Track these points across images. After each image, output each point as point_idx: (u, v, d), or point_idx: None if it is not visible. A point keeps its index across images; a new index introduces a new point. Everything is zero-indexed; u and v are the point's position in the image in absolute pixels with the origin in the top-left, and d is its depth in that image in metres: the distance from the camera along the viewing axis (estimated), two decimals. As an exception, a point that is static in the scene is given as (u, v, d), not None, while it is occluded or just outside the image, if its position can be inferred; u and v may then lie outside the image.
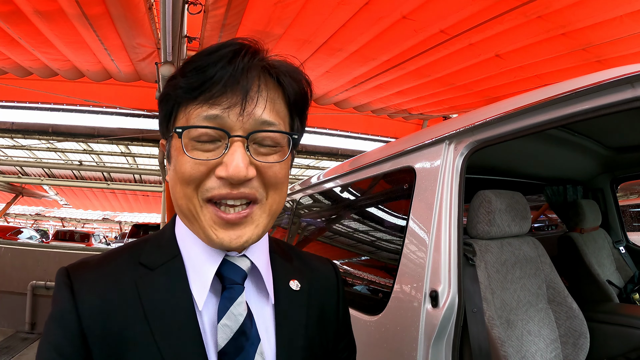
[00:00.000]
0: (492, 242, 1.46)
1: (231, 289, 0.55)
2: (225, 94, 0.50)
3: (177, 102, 0.53)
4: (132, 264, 0.55)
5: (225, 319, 0.52)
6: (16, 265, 4.53)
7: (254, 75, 0.51)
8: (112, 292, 0.52)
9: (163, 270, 0.55)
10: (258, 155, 0.53)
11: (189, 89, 0.51)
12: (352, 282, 1.77)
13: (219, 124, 0.50)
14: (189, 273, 0.55)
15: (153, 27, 2.67)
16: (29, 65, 3.40)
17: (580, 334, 1.49)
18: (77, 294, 0.51)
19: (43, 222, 23.28)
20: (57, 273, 0.54)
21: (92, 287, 0.52)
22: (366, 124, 5.50)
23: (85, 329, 0.49)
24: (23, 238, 11.68)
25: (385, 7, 2.37)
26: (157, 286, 0.53)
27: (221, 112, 0.50)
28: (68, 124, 6.02)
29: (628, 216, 8.59)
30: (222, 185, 0.51)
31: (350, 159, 1.98)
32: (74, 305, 0.50)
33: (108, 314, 0.51)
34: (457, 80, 3.45)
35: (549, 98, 1.01)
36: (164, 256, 0.56)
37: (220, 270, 0.55)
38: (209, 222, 0.52)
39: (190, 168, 0.51)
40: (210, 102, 0.50)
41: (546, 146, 1.84)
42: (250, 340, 0.54)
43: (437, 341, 1.11)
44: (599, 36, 2.50)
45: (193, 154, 0.51)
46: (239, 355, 0.52)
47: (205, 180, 0.52)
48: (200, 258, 0.55)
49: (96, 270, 0.54)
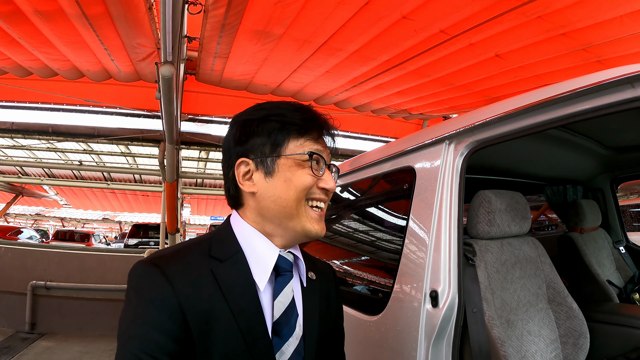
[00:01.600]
0: (492, 242, 1.46)
1: (284, 275, 0.76)
2: (320, 138, 0.79)
3: (289, 132, 0.76)
4: (205, 257, 0.71)
5: (280, 297, 0.73)
6: (16, 265, 4.53)
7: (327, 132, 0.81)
8: (197, 278, 0.68)
9: (231, 262, 0.72)
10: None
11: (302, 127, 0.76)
12: (353, 282, 1.77)
13: (322, 155, 0.78)
14: (250, 264, 0.73)
15: (153, 27, 2.67)
16: (29, 65, 3.40)
17: (580, 334, 1.49)
18: (173, 281, 0.65)
19: (43, 222, 23.26)
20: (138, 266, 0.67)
21: (183, 275, 0.67)
22: (366, 124, 5.50)
23: (184, 308, 0.64)
24: (23, 238, 11.68)
25: (385, 7, 2.37)
26: (229, 273, 0.71)
27: (322, 148, 0.79)
28: (68, 124, 6.01)
29: (628, 216, 8.59)
30: (321, 193, 0.78)
31: (350, 159, 1.98)
32: (173, 290, 0.64)
33: (197, 296, 0.66)
34: (457, 80, 3.45)
35: (549, 98, 1.01)
36: (229, 251, 0.74)
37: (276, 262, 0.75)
38: (309, 218, 0.76)
39: (308, 179, 0.75)
40: (315, 141, 0.77)
41: (546, 146, 1.84)
42: (295, 314, 0.75)
43: (437, 341, 1.11)
44: (599, 36, 2.50)
45: (310, 171, 0.76)
46: (287, 325, 0.73)
47: (312, 187, 0.76)
48: (262, 252, 0.75)
49: (178, 261, 0.69)
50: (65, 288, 4.46)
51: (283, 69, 3.42)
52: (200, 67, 3.43)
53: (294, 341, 0.73)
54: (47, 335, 4.32)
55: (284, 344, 0.71)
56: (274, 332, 0.71)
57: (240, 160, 0.77)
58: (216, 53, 3.06)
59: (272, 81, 3.73)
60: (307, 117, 0.77)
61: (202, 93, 4.36)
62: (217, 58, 3.17)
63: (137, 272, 0.66)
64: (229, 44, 2.88)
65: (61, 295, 4.47)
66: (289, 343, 0.72)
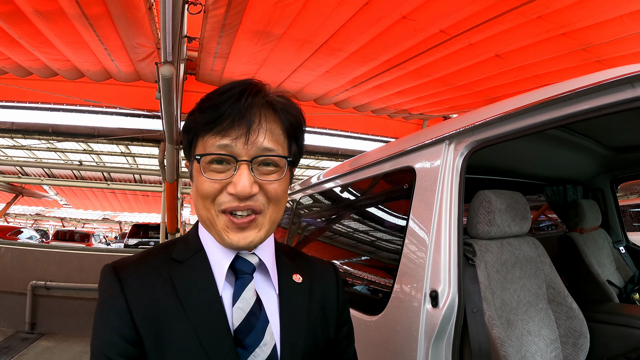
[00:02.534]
0: (492, 242, 1.46)
1: (242, 278, 0.68)
2: (233, 127, 0.63)
3: (196, 133, 0.67)
4: (166, 260, 0.68)
5: (239, 303, 0.65)
6: (16, 265, 4.53)
7: (256, 110, 0.64)
8: (151, 278, 0.65)
9: (190, 262, 0.68)
10: (261, 175, 0.66)
11: (205, 123, 0.64)
12: (353, 282, 1.77)
13: (229, 151, 0.64)
14: (212, 265, 0.69)
15: (153, 27, 2.67)
16: (29, 65, 3.40)
17: (580, 334, 1.49)
18: (123, 280, 0.64)
19: (43, 222, 23.27)
20: (102, 269, 0.66)
21: (134, 274, 0.65)
22: (366, 124, 5.50)
23: (132, 309, 0.61)
24: (23, 238, 11.68)
25: (385, 7, 2.37)
26: (186, 274, 0.67)
27: (230, 142, 0.63)
28: (68, 124, 6.02)
29: (628, 216, 8.59)
30: (232, 199, 0.64)
31: (350, 159, 1.97)
32: (121, 289, 0.63)
33: (148, 295, 0.63)
34: (457, 80, 3.45)
35: (549, 98, 1.01)
36: (190, 251, 0.70)
37: (234, 264, 0.69)
38: (223, 227, 0.66)
39: (207, 186, 0.65)
40: (222, 134, 0.63)
41: (546, 146, 1.84)
42: (260, 321, 0.66)
43: (437, 341, 1.11)
44: (599, 36, 2.50)
45: (209, 175, 0.65)
46: (250, 333, 0.64)
47: (219, 195, 0.65)
48: (218, 253, 0.69)
49: (136, 263, 0.68)
50: (65, 288, 4.46)
51: (283, 69, 3.42)
52: (200, 67, 3.43)
53: (262, 351, 0.64)
54: (47, 335, 4.32)
55: (249, 356, 0.63)
56: (237, 342, 0.64)
57: (185, 164, 0.74)
58: (216, 53, 3.06)
59: (272, 81, 3.73)
60: (211, 104, 0.64)
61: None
62: (217, 58, 3.17)
63: (100, 275, 0.66)
64: (229, 44, 2.89)
65: (61, 295, 4.47)
66: (256, 354, 0.63)
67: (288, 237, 2.58)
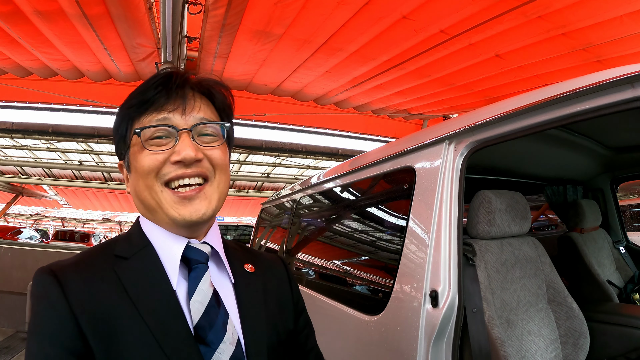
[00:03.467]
0: (492, 242, 1.46)
1: (197, 268, 0.64)
2: (168, 102, 0.64)
3: (131, 118, 0.65)
4: (108, 256, 0.62)
5: (196, 295, 0.61)
6: (16, 265, 4.53)
7: (188, 88, 0.66)
8: (95, 278, 0.58)
9: (137, 258, 0.63)
10: (202, 143, 0.65)
11: (139, 104, 0.64)
12: (353, 282, 1.77)
13: (168, 123, 0.64)
14: (162, 258, 0.64)
15: (153, 27, 2.67)
16: (29, 65, 3.40)
17: (580, 334, 1.49)
18: (63, 283, 0.56)
19: (43, 222, 23.26)
20: (35, 273, 0.58)
21: (76, 275, 0.58)
22: (366, 124, 5.50)
23: (76, 312, 0.54)
24: (23, 238, 11.68)
25: (385, 7, 2.37)
26: (134, 270, 0.61)
27: (168, 114, 0.64)
28: (68, 124, 6.01)
29: (628, 216, 8.59)
30: (178, 167, 0.63)
31: (350, 159, 1.98)
32: (62, 292, 0.55)
33: (94, 297, 0.56)
34: (457, 80, 3.45)
35: (549, 98, 1.01)
36: (135, 247, 0.64)
37: (185, 254, 0.64)
38: (170, 203, 0.63)
39: (149, 160, 0.63)
40: (158, 110, 0.64)
41: (546, 146, 1.84)
42: (220, 314, 0.62)
43: (437, 341, 1.11)
44: (599, 36, 2.50)
45: (151, 148, 0.63)
46: (212, 329, 0.60)
47: (162, 167, 0.63)
48: (167, 244, 0.64)
49: (75, 264, 0.61)
50: (65, 288, 4.47)
51: (283, 69, 3.42)
52: (200, 67, 3.43)
53: (227, 347, 0.60)
54: (47, 335, 4.33)
55: (214, 352, 0.58)
56: (199, 339, 0.59)
57: (118, 164, 0.72)
58: (216, 53, 3.06)
59: (272, 81, 3.74)
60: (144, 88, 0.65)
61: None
62: (217, 58, 3.17)
63: (34, 280, 0.57)
64: (229, 44, 2.89)
65: (61, 295, 4.48)
66: (221, 350, 0.59)
67: (288, 237, 2.58)
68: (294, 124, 5.45)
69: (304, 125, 5.50)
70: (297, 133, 5.85)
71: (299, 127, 5.55)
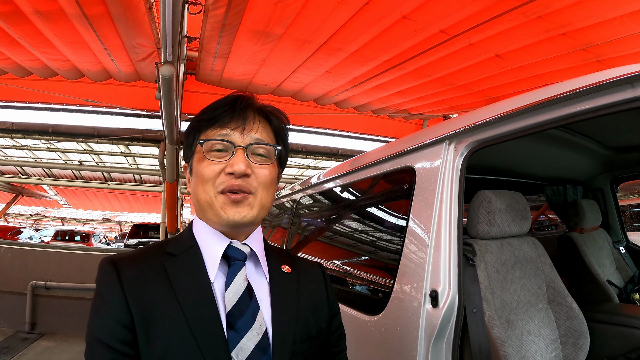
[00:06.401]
0: (492, 242, 1.46)
1: (234, 265, 0.74)
2: (231, 121, 0.75)
3: (199, 130, 0.78)
4: (160, 253, 0.75)
5: (231, 287, 0.71)
6: (16, 265, 4.52)
7: (250, 111, 0.78)
8: (146, 269, 0.71)
9: (184, 256, 0.74)
10: (254, 161, 0.76)
11: (207, 120, 0.76)
12: (352, 282, 1.77)
13: (227, 139, 0.75)
14: (205, 257, 0.74)
15: (153, 27, 2.67)
16: (29, 65, 3.40)
17: (580, 334, 1.49)
18: (120, 270, 0.69)
19: (43, 222, 23.26)
20: (100, 262, 0.71)
21: (131, 265, 0.70)
22: (366, 124, 5.50)
23: (127, 294, 0.66)
24: (23, 238, 11.67)
25: (385, 7, 2.37)
26: (180, 266, 0.72)
27: (229, 131, 0.75)
28: (68, 124, 6.02)
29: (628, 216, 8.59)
30: (229, 178, 0.73)
31: (350, 159, 1.97)
32: (118, 278, 0.68)
33: (143, 284, 0.69)
34: (457, 80, 3.45)
35: (549, 98, 1.01)
36: (184, 247, 0.76)
37: (227, 252, 0.75)
38: (220, 204, 0.74)
39: (208, 171, 0.74)
40: (222, 127, 0.75)
41: (546, 146, 1.84)
42: (251, 306, 0.71)
43: (437, 341, 1.11)
44: (599, 36, 2.50)
45: (210, 158, 0.75)
46: (241, 317, 0.69)
47: (218, 177, 0.74)
48: (211, 243, 0.76)
49: (132, 257, 0.73)
50: (65, 288, 4.46)
51: (283, 69, 3.42)
52: (200, 67, 3.43)
53: (253, 336, 0.68)
54: (47, 335, 4.32)
55: (241, 339, 0.67)
56: (229, 325, 0.68)
57: (184, 166, 0.85)
58: (216, 53, 3.06)
59: (272, 81, 3.74)
60: (214, 106, 0.77)
61: (202, 93, 4.36)
62: (217, 58, 3.17)
63: (99, 266, 0.71)
64: (229, 44, 2.89)
65: (61, 295, 4.47)
66: (248, 337, 0.68)
67: (288, 237, 2.58)
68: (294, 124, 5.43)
69: (304, 125, 5.51)
70: (297, 133, 5.86)
71: (299, 127, 5.55)
